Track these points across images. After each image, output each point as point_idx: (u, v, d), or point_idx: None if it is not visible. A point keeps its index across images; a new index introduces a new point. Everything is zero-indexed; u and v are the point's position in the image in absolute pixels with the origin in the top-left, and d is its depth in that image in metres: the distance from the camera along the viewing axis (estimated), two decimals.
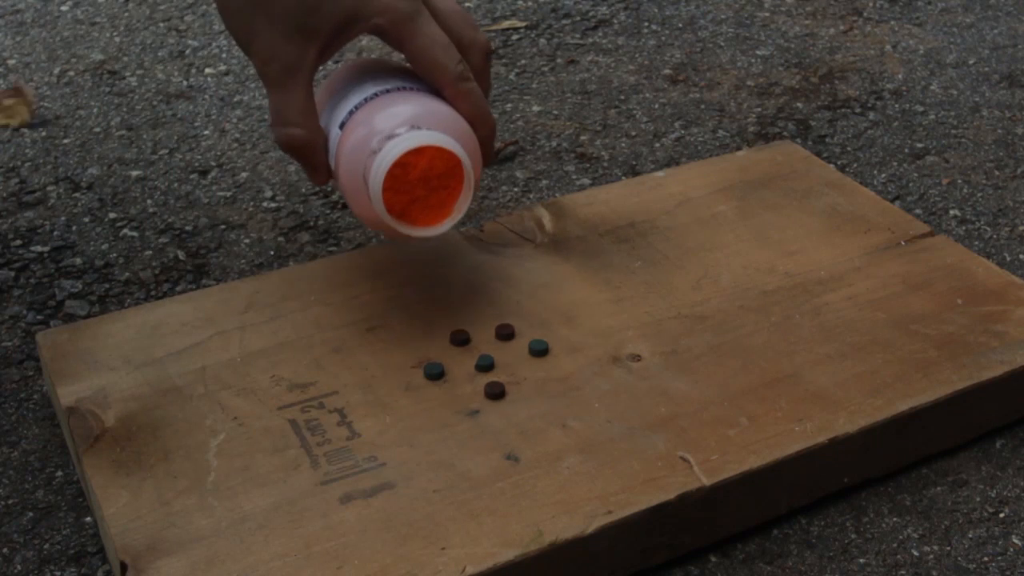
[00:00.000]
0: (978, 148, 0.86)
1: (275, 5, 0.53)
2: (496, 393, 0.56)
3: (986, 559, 0.53)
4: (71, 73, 0.98)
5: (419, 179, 0.54)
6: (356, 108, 0.56)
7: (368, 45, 1.01)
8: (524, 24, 1.07)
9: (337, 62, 0.99)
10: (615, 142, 0.88)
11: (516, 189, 0.81)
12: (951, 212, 0.79)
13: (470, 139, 0.56)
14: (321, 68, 0.78)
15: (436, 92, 0.57)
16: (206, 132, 0.89)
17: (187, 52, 1.01)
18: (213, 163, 0.85)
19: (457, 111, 0.56)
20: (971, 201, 0.80)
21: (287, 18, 0.54)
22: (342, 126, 0.56)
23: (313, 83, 0.56)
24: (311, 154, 0.57)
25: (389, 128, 0.54)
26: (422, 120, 0.54)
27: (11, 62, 1.00)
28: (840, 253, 0.67)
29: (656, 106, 0.93)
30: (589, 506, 0.50)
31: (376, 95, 0.56)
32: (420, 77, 0.57)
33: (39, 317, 0.68)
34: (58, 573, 0.52)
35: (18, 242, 0.76)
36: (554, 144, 0.87)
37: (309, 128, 0.56)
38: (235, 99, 0.94)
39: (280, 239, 0.76)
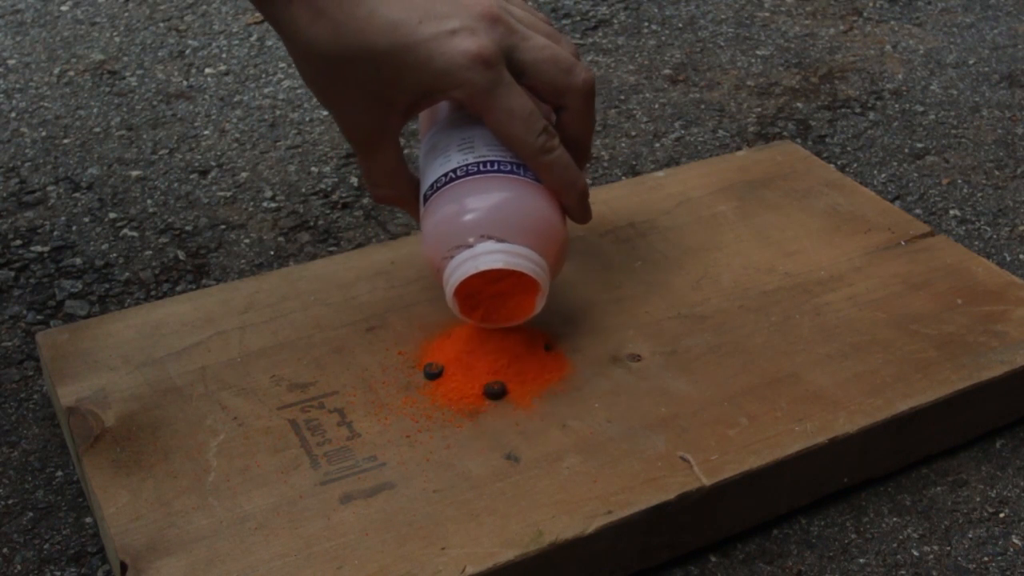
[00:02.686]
0: (978, 148, 0.86)
1: (353, 79, 0.53)
2: (496, 393, 0.56)
3: (986, 559, 0.53)
4: (71, 73, 0.98)
5: (493, 285, 0.56)
6: (437, 187, 0.56)
7: None
8: None
9: None
10: (615, 142, 0.88)
11: None
12: (951, 212, 0.79)
13: (549, 226, 0.55)
14: None
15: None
16: (206, 132, 0.89)
17: (187, 52, 1.01)
18: (213, 163, 0.85)
19: (542, 182, 0.56)
20: (971, 201, 0.80)
21: (366, 91, 0.53)
22: (426, 200, 0.56)
23: (399, 140, 0.57)
24: (403, 207, 0.60)
25: (462, 233, 0.54)
26: (497, 221, 0.54)
27: (11, 62, 1.00)
28: (840, 253, 0.67)
29: (656, 106, 0.93)
30: (589, 506, 0.50)
31: (456, 176, 0.55)
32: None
33: (39, 317, 0.68)
34: (58, 573, 0.52)
35: (18, 242, 0.76)
36: None
37: (397, 187, 0.58)
38: (235, 99, 0.94)
39: (280, 239, 0.76)
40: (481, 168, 0.55)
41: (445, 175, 0.55)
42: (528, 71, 0.54)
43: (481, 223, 0.54)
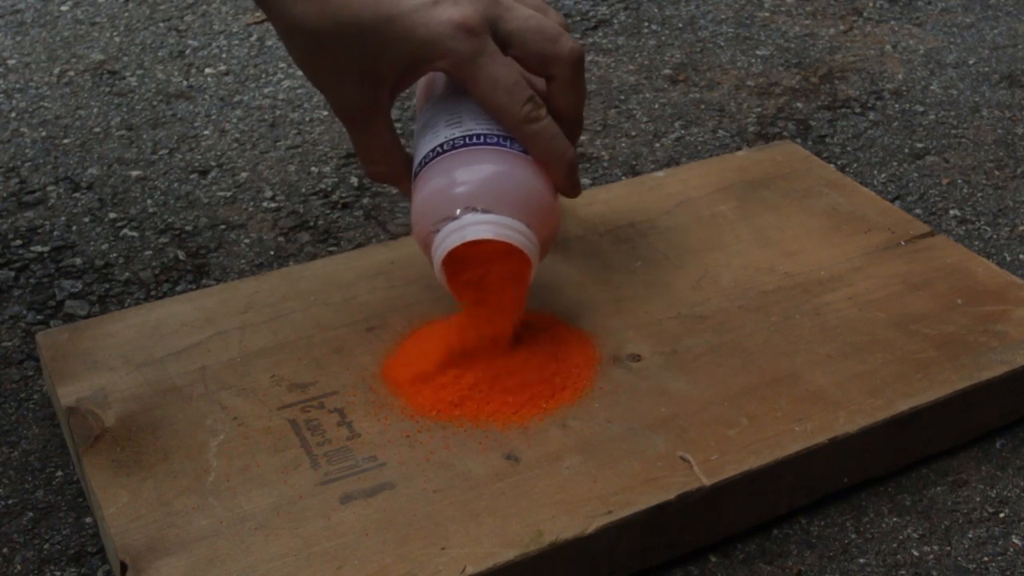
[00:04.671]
0: (978, 148, 0.86)
1: (340, 55, 0.53)
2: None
3: (986, 559, 0.53)
4: (71, 73, 0.98)
5: (482, 256, 0.55)
6: (425, 162, 0.55)
7: None
8: None
9: None
10: (615, 142, 0.88)
11: None
12: (951, 212, 0.79)
13: (537, 198, 0.54)
14: None
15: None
16: (206, 132, 0.89)
17: (187, 52, 1.01)
18: (213, 163, 0.85)
19: (529, 153, 0.55)
20: (971, 201, 0.80)
21: (353, 66, 0.53)
22: (415, 176, 0.56)
23: (391, 116, 0.56)
24: (396, 184, 0.59)
25: (450, 205, 0.53)
26: (484, 193, 0.53)
27: (11, 62, 1.00)
28: (840, 253, 0.67)
29: (656, 106, 0.93)
30: (589, 506, 0.50)
31: (443, 150, 0.54)
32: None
33: (39, 317, 0.68)
34: (58, 573, 0.52)
35: (18, 242, 0.76)
36: None
37: (390, 163, 0.58)
38: (235, 99, 0.94)
39: (280, 239, 0.76)
40: (468, 141, 0.54)
41: (433, 150, 0.55)
42: (514, 41, 0.53)
43: (468, 195, 0.53)
